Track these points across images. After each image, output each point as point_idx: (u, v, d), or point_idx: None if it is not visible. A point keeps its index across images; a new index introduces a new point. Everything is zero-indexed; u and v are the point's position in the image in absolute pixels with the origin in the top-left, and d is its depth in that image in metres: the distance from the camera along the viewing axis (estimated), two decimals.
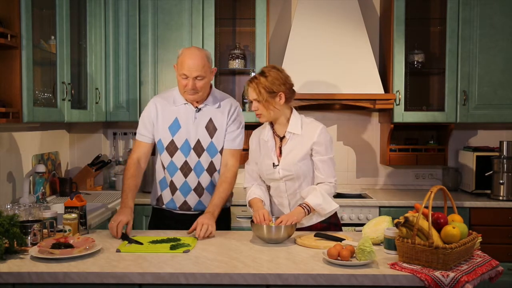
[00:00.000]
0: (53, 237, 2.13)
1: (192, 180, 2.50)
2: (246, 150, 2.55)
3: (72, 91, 2.94)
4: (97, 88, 3.41)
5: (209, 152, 2.49)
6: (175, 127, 2.47)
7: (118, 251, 2.01)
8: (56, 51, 2.77)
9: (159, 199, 2.57)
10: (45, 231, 2.16)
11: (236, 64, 3.82)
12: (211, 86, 2.53)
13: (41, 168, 2.94)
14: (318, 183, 2.39)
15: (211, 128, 2.49)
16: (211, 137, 2.49)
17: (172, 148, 2.48)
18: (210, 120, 2.49)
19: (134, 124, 3.89)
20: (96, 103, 3.40)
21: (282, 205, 2.46)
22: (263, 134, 2.47)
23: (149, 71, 3.62)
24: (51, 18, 2.78)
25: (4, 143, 2.84)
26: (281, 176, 2.39)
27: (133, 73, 3.62)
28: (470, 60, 3.60)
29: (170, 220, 2.55)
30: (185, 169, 2.49)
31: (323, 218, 2.45)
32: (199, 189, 2.51)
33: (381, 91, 3.56)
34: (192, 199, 2.52)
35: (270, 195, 2.51)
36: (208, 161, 2.50)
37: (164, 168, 2.52)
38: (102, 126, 3.93)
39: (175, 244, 2.09)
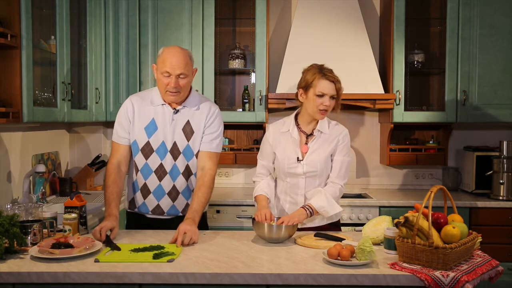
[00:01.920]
0: (53, 237, 2.13)
1: (166, 183, 2.42)
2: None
3: (72, 91, 2.94)
4: (97, 88, 3.41)
5: (185, 155, 2.41)
6: (151, 128, 2.39)
7: (96, 261, 1.88)
8: (56, 51, 2.78)
9: (131, 203, 2.50)
10: (45, 231, 2.16)
11: (236, 64, 3.82)
12: (191, 88, 2.46)
13: (41, 168, 2.94)
14: (326, 182, 2.42)
15: (188, 131, 2.41)
16: (188, 140, 2.41)
17: (147, 150, 2.40)
18: (188, 122, 2.41)
19: None
20: (96, 103, 3.40)
21: (296, 204, 2.45)
22: (285, 127, 2.48)
23: (149, 71, 3.62)
24: (51, 18, 2.78)
25: (4, 143, 2.84)
26: (305, 171, 2.40)
27: (133, 73, 3.62)
28: (470, 60, 3.60)
29: (142, 224, 2.48)
30: (160, 172, 2.41)
31: (326, 222, 2.46)
32: (173, 193, 2.44)
33: (381, 91, 3.56)
34: (166, 203, 2.44)
35: (282, 193, 2.50)
36: (184, 164, 2.42)
37: (137, 170, 2.44)
38: (102, 126, 3.94)
39: (159, 253, 1.96)
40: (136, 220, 2.52)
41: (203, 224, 2.50)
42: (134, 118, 2.42)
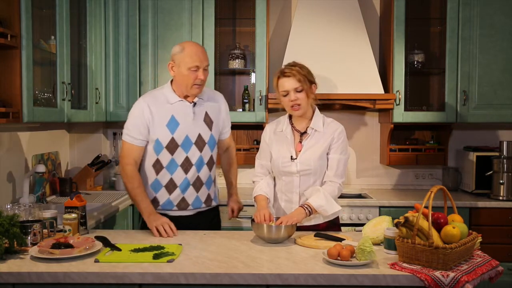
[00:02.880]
0: (53, 237, 2.13)
1: (191, 175, 2.49)
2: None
3: (72, 91, 2.94)
4: (97, 88, 3.41)
5: (209, 145, 2.53)
6: (173, 124, 2.45)
7: (96, 261, 1.88)
8: (56, 51, 2.77)
9: (153, 202, 2.50)
10: (45, 231, 2.16)
11: (236, 64, 3.82)
12: None
13: (41, 168, 2.94)
14: (324, 181, 2.41)
15: (208, 121, 2.54)
16: (210, 130, 2.54)
17: (172, 146, 2.45)
18: (206, 113, 2.54)
19: None
20: (96, 103, 3.40)
21: (291, 202, 2.45)
22: (279, 127, 2.49)
23: (149, 71, 3.63)
24: (51, 18, 2.78)
25: (4, 143, 2.84)
26: (298, 169, 2.40)
27: (133, 73, 3.62)
28: (470, 60, 3.60)
29: None
30: (186, 165, 2.47)
31: (323, 221, 2.46)
32: (197, 184, 2.50)
33: (381, 91, 3.56)
34: (190, 196, 2.50)
35: (279, 192, 2.50)
36: (208, 154, 2.54)
37: (161, 168, 2.47)
38: (102, 126, 3.94)
39: (159, 253, 1.96)
40: None
41: (217, 223, 2.69)
42: (153, 119, 2.45)
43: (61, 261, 1.87)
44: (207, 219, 2.59)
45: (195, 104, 2.49)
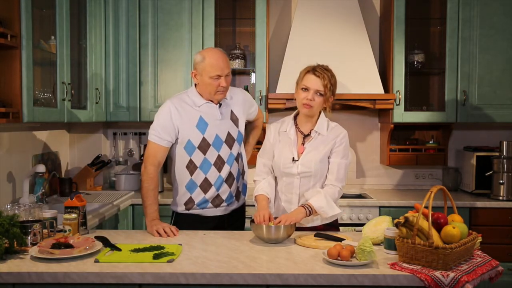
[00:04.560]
0: (53, 237, 2.13)
1: (224, 172, 2.54)
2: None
3: (72, 91, 2.94)
4: (97, 88, 3.41)
5: (238, 141, 2.60)
6: (202, 125, 2.50)
7: (96, 261, 1.88)
8: (56, 51, 2.77)
9: (188, 203, 2.55)
10: (45, 231, 2.16)
11: (236, 64, 3.82)
12: None
13: (41, 168, 2.94)
14: (325, 184, 2.41)
15: (234, 119, 2.61)
16: (237, 127, 2.61)
17: (204, 146, 2.50)
18: (232, 112, 2.61)
19: (134, 124, 3.91)
20: (96, 103, 3.40)
21: (290, 202, 2.45)
22: (283, 127, 2.50)
23: (149, 71, 3.62)
24: (51, 18, 2.78)
25: (4, 143, 2.84)
26: (299, 171, 2.40)
27: (133, 73, 3.62)
28: (470, 60, 3.60)
29: (197, 223, 2.53)
30: (219, 164, 2.53)
31: (321, 223, 2.45)
32: (230, 180, 2.57)
33: (381, 91, 3.56)
34: (224, 192, 2.56)
35: (278, 191, 2.51)
36: (237, 150, 2.61)
37: (195, 168, 2.51)
38: (102, 126, 3.94)
39: (159, 253, 1.96)
40: (189, 221, 2.55)
41: (242, 221, 2.73)
42: (182, 121, 2.49)
43: (61, 261, 1.88)
44: (237, 216, 2.68)
45: (220, 105, 2.56)
